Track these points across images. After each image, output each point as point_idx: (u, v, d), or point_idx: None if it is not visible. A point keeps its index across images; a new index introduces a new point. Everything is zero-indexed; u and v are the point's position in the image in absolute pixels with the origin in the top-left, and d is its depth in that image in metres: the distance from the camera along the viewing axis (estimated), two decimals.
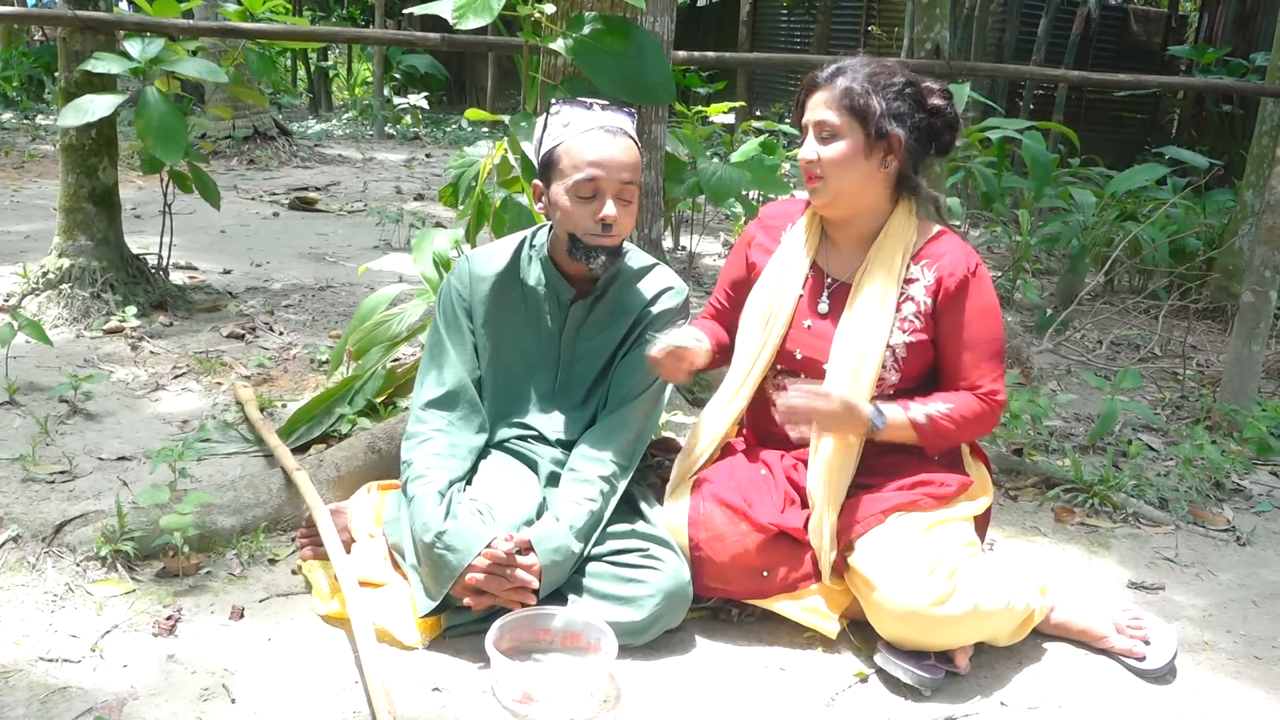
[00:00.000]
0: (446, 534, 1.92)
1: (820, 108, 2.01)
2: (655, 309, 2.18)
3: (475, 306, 2.18)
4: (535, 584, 1.90)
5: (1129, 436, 3.30)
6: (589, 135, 2.01)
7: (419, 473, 2.05)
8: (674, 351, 2.01)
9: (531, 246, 2.21)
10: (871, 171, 2.01)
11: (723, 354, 2.26)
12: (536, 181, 2.12)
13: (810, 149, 2.03)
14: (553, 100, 2.10)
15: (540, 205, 2.13)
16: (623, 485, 2.11)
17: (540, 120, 2.10)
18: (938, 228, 2.10)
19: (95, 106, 3.42)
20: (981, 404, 2.03)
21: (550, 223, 2.16)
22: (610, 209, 2.01)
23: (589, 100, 2.07)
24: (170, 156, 3.48)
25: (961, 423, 2.01)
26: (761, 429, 2.20)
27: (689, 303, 2.25)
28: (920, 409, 1.99)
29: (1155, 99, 12.31)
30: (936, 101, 2.03)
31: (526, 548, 1.92)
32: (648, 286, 2.20)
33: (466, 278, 2.19)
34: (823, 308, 2.10)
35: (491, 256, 2.22)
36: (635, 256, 2.23)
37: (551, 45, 2.55)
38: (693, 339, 2.08)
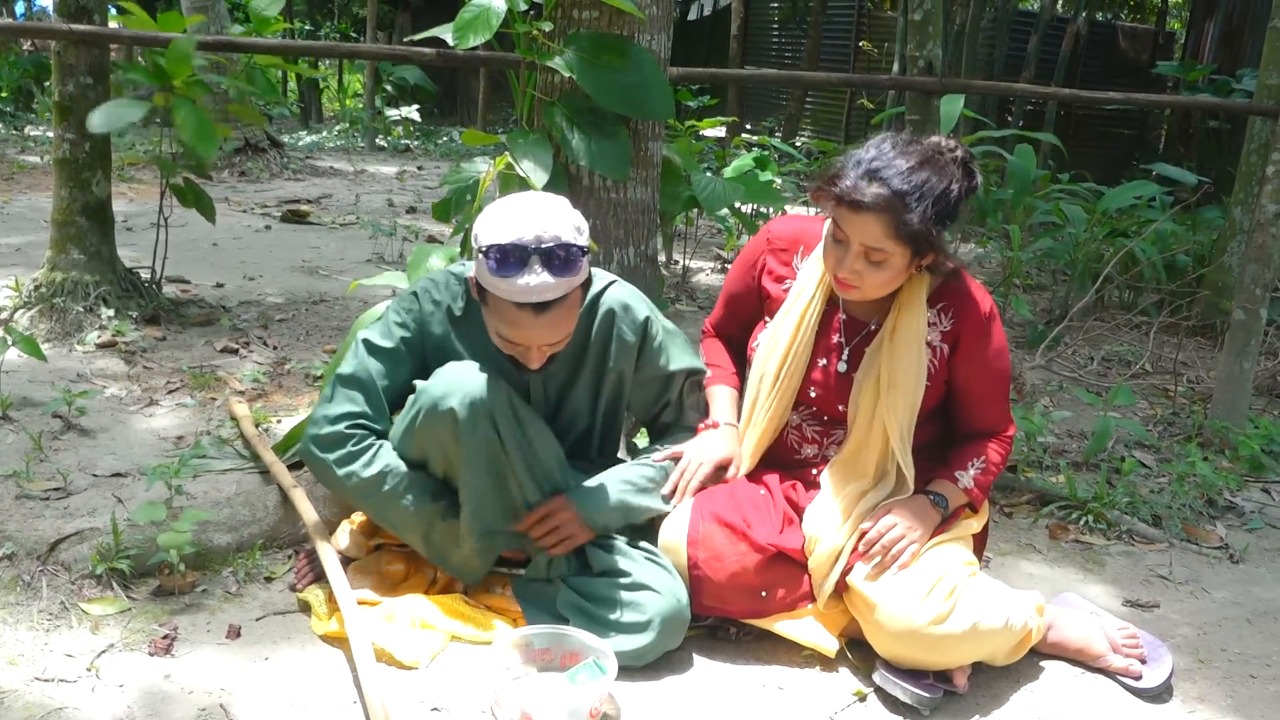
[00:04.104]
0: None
1: (874, 235, 1.84)
2: (616, 345, 2.12)
3: (429, 346, 2.09)
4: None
5: (1122, 453, 3.31)
6: (516, 309, 1.84)
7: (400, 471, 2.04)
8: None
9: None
10: (908, 274, 1.96)
11: (743, 382, 2.23)
12: (473, 277, 1.92)
13: (852, 269, 1.90)
14: (482, 240, 1.83)
15: (475, 293, 1.95)
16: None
17: (474, 237, 1.87)
18: (950, 267, 2.06)
19: (127, 112, 3.40)
20: (1002, 445, 2.12)
21: None
22: (535, 364, 1.94)
23: (525, 248, 1.79)
24: (209, 152, 3.52)
25: (995, 471, 2.10)
26: (763, 453, 2.19)
27: (650, 316, 2.16)
28: (966, 476, 2.06)
29: (1143, 115, 12.41)
30: (966, 185, 1.90)
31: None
32: (604, 312, 2.11)
33: (418, 314, 2.08)
34: (845, 355, 2.07)
35: (444, 295, 2.09)
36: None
37: (549, 63, 2.56)
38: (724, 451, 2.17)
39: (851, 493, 2.03)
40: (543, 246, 1.80)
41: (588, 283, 1.96)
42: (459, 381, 1.96)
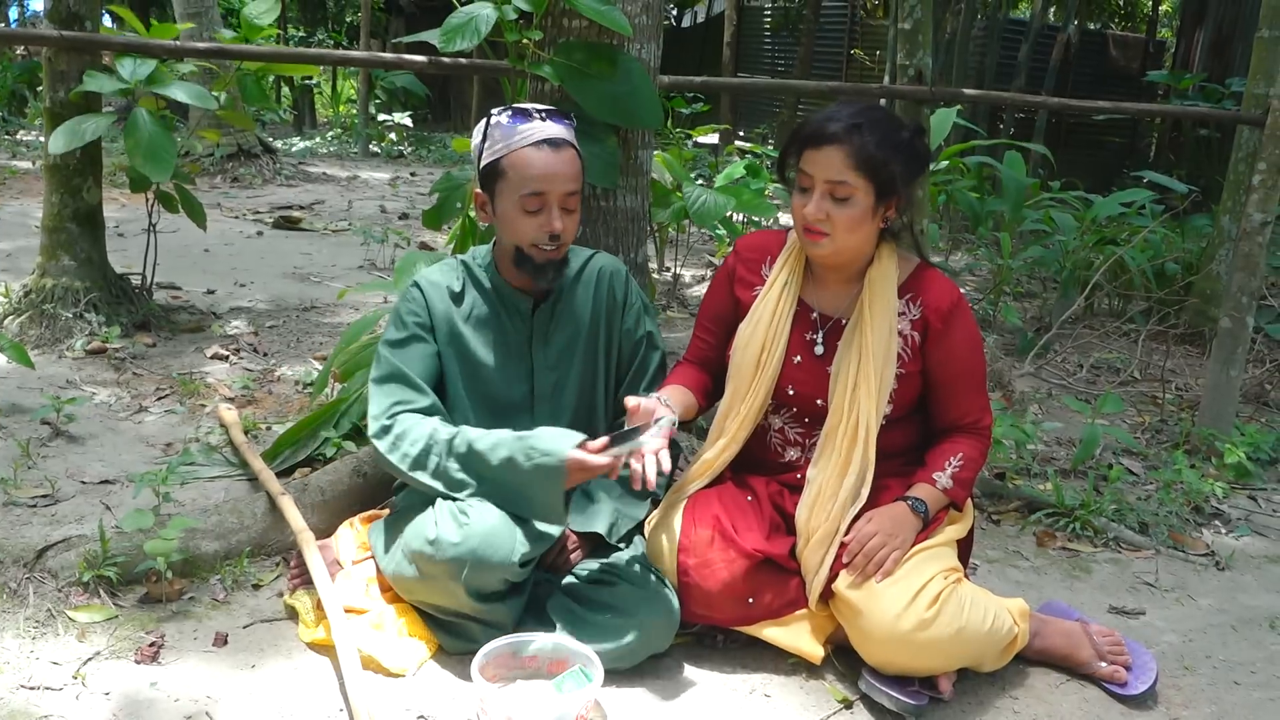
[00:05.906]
0: (532, 438, 1.94)
1: (836, 166, 1.93)
2: (608, 300, 2.23)
3: (437, 328, 2.17)
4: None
5: (1109, 461, 3.33)
6: (534, 149, 2.02)
7: (445, 434, 2.02)
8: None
9: (477, 264, 2.22)
10: (874, 225, 2.02)
11: (708, 397, 2.25)
12: (479, 191, 2.11)
13: (819, 207, 1.96)
14: (492, 110, 2.08)
15: (483, 215, 2.14)
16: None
17: (480, 127, 2.08)
18: (918, 261, 2.13)
19: (85, 129, 3.40)
20: (979, 439, 2.12)
21: (492, 242, 2.21)
22: (557, 221, 2.04)
23: (530, 108, 2.07)
24: (159, 175, 3.49)
25: (974, 466, 2.10)
26: (747, 456, 2.20)
27: (630, 274, 2.30)
28: (944, 476, 2.06)
29: (1133, 123, 12.47)
30: (920, 145, 2.03)
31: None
32: (594, 274, 2.24)
33: (422, 300, 2.17)
34: (819, 348, 2.10)
35: (441, 277, 2.21)
36: (573, 251, 2.25)
37: (539, 72, 2.57)
38: (657, 414, 1.97)
39: (835, 482, 2.03)
40: (545, 111, 2.08)
41: (583, 160, 2.12)
42: (476, 551, 1.90)
